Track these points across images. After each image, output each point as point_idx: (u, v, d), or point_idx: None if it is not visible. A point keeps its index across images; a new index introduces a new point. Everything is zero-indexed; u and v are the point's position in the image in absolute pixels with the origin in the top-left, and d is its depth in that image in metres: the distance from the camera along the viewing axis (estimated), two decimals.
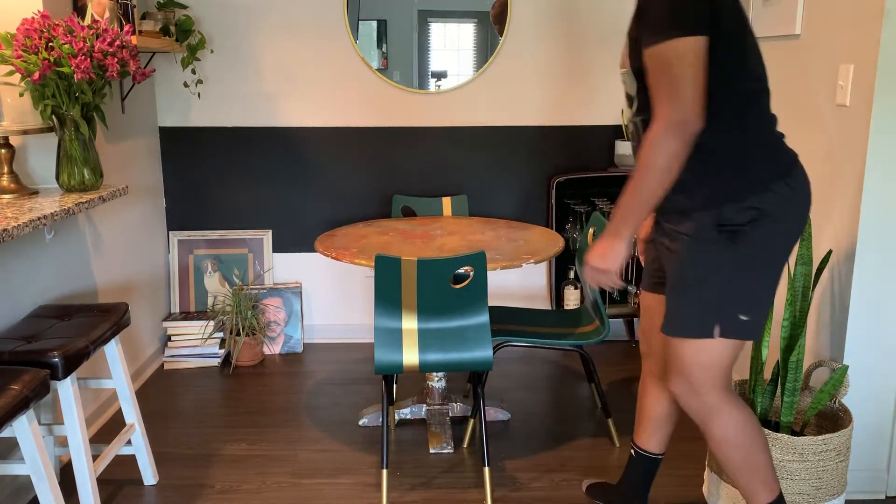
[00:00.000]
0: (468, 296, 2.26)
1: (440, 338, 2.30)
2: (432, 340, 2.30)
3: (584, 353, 2.69)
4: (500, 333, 2.57)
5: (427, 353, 2.29)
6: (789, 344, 2.18)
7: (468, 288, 2.25)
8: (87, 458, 2.08)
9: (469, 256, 2.20)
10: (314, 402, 3.08)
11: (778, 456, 2.06)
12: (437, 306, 2.27)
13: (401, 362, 2.28)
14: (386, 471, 2.38)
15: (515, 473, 2.52)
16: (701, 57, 1.57)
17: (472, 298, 2.27)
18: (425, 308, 2.27)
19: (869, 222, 2.18)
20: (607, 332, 2.57)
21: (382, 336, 2.29)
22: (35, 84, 2.32)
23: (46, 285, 2.49)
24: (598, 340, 2.57)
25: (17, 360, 1.92)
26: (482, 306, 2.28)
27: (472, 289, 2.25)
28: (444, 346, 2.29)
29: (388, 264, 2.18)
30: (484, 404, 2.41)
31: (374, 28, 3.47)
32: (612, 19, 3.47)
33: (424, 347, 2.29)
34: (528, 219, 3.61)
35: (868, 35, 2.13)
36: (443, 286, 2.23)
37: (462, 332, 2.29)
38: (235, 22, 3.42)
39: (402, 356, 2.28)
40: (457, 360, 2.29)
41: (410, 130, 3.56)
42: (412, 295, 2.23)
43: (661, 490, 2.42)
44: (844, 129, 2.26)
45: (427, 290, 2.23)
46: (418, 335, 2.30)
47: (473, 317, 2.29)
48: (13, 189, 2.40)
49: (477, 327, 2.29)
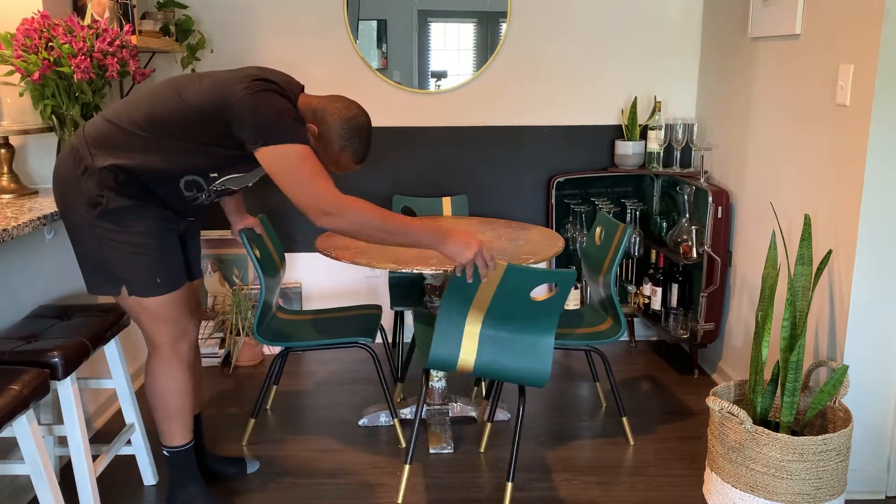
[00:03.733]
0: (544, 311, 2.18)
1: (502, 345, 2.22)
2: (493, 346, 2.22)
3: (600, 353, 2.68)
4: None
5: (485, 356, 2.22)
6: (789, 344, 2.18)
7: (546, 303, 2.17)
8: (87, 458, 2.08)
9: (557, 273, 2.15)
10: (314, 402, 3.08)
11: (778, 456, 2.06)
12: (510, 314, 2.19)
13: (456, 360, 2.21)
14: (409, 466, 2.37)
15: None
16: None
17: (546, 314, 2.19)
18: (496, 313, 2.19)
19: (869, 222, 2.18)
20: (623, 331, 2.57)
21: (444, 330, 2.21)
22: (35, 84, 2.32)
23: (46, 285, 2.49)
24: (616, 339, 2.56)
25: (17, 360, 1.92)
26: (552, 324, 2.20)
27: (550, 305, 2.18)
28: (503, 354, 2.21)
29: None
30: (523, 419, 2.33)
31: (374, 28, 3.47)
32: (612, 19, 3.47)
33: (483, 351, 2.22)
34: (528, 219, 3.61)
35: (868, 35, 2.13)
36: (523, 296, 2.14)
37: (526, 344, 2.21)
38: (235, 22, 3.42)
39: (459, 354, 2.21)
40: (513, 370, 2.22)
41: (410, 130, 3.56)
42: (487, 297, 2.15)
43: (662, 490, 2.42)
44: (844, 129, 2.26)
45: (505, 295, 2.14)
46: (479, 338, 2.22)
47: (542, 333, 2.21)
48: (13, 189, 2.40)
49: (542, 343, 2.21)
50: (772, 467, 2.08)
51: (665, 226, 3.46)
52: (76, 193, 1.98)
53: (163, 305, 2.07)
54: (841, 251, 2.28)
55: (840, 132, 2.29)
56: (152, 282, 2.04)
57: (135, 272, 2.02)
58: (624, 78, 3.53)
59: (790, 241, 2.56)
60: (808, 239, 2.20)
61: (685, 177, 3.33)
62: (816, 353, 2.42)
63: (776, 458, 2.07)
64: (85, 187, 1.97)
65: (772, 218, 2.74)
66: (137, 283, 2.03)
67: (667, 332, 3.34)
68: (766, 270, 2.29)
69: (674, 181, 3.41)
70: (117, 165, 1.96)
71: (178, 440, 2.20)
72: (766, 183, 2.81)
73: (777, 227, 2.66)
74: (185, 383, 2.17)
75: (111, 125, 1.99)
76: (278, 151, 1.88)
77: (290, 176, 1.88)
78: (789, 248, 2.54)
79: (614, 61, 3.51)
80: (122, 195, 1.97)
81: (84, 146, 1.99)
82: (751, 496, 2.13)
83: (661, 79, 3.53)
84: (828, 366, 2.27)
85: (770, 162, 2.77)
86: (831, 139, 2.34)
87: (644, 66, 3.51)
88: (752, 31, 2.89)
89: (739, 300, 3.08)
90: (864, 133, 2.16)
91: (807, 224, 2.21)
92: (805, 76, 2.50)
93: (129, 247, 2.00)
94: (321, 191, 1.88)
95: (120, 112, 2.01)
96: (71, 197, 2.00)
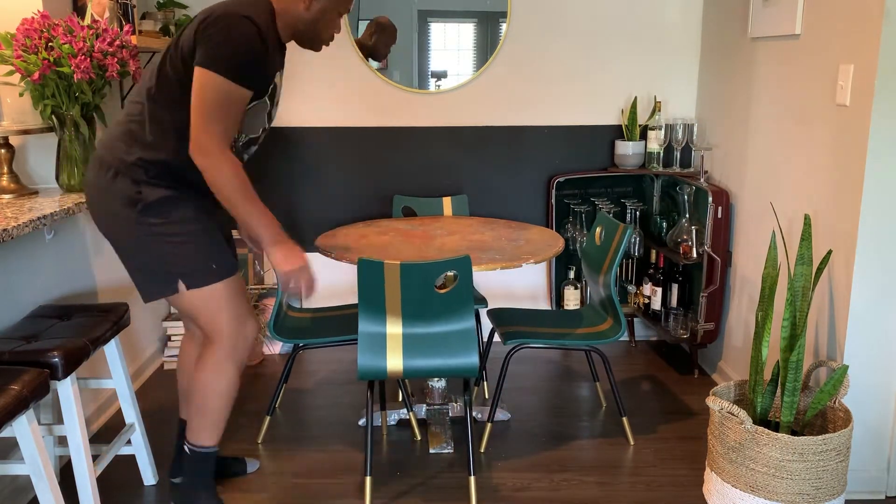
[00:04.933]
0: (453, 301, 2.22)
1: (425, 343, 2.25)
2: (417, 346, 2.25)
3: (600, 353, 2.68)
4: (514, 335, 2.56)
5: (411, 358, 2.25)
6: (789, 344, 2.18)
7: (453, 293, 2.20)
8: (87, 458, 2.08)
9: (453, 261, 2.16)
10: (314, 402, 3.08)
11: (778, 456, 2.06)
12: (422, 311, 2.22)
13: (384, 368, 2.24)
14: (370, 478, 2.33)
15: (516, 473, 2.52)
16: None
17: (457, 303, 2.22)
18: (410, 313, 2.23)
19: (869, 222, 2.18)
20: (623, 331, 2.57)
21: (366, 341, 2.24)
22: (35, 84, 2.32)
23: (46, 285, 2.49)
24: (616, 339, 2.56)
25: (17, 360, 1.92)
26: (468, 311, 2.24)
27: (456, 294, 2.21)
28: (429, 351, 2.25)
29: (371, 268, 2.15)
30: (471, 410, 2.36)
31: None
32: (612, 19, 3.47)
33: (409, 353, 2.25)
34: (528, 219, 3.61)
35: (868, 35, 2.13)
36: (427, 291, 2.18)
37: (447, 337, 2.25)
38: None
39: (386, 362, 2.24)
40: (442, 366, 2.25)
41: (410, 130, 3.56)
42: (396, 299, 2.19)
43: (662, 490, 2.42)
44: (844, 129, 2.26)
45: (411, 294, 2.18)
46: (403, 340, 2.25)
47: (459, 322, 2.24)
48: (13, 189, 2.40)
49: (462, 333, 2.24)
50: (772, 467, 2.08)
51: (665, 226, 3.46)
52: (112, 198, 2.00)
53: (221, 294, 2.07)
54: (841, 251, 2.28)
55: (840, 132, 2.29)
56: (207, 268, 2.04)
57: (188, 261, 2.03)
58: (624, 78, 3.53)
59: (790, 241, 2.56)
60: (808, 239, 2.20)
61: (685, 177, 3.33)
62: (816, 353, 2.42)
63: (776, 458, 2.07)
64: (119, 188, 1.99)
65: (772, 218, 2.74)
66: (193, 273, 2.03)
67: (667, 332, 3.34)
68: (766, 270, 2.30)
69: (674, 181, 3.41)
70: (143, 158, 1.98)
71: (204, 440, 2.17)
72: (766, 183, 2.81)
73: (777, 227, 2.66)
74: (232, 387, 2.15)
75: (122, 124, 2.03)
76: (209, 77, 1.88)
77: (200, 101, 1.89)
78: (789, 248, 2.54)
79: (614, 61, 3.51)
80: (158, 186, 2.00)
81: (106, 152, 2.02)
82: (751, 496, 2.13)
83: (661, 79, 3.53)
84: (828, 366, 2.27)
85: (770, 162, 2.77)
86: (831, 139, 2.34)
87: (644, 66, 3.51)
88: (752, 31, 2.89)
89: (739, 300, 3.08)
90: (864, 133, 2.16)
91: (807, 224, 2.21)
92: (805, 76, 2.50)
93: (178, 237, 2.01)
94: (214, 130, 1.90)
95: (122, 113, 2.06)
96: (108, 204, 2.02)
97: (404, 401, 2.79)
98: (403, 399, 2.80)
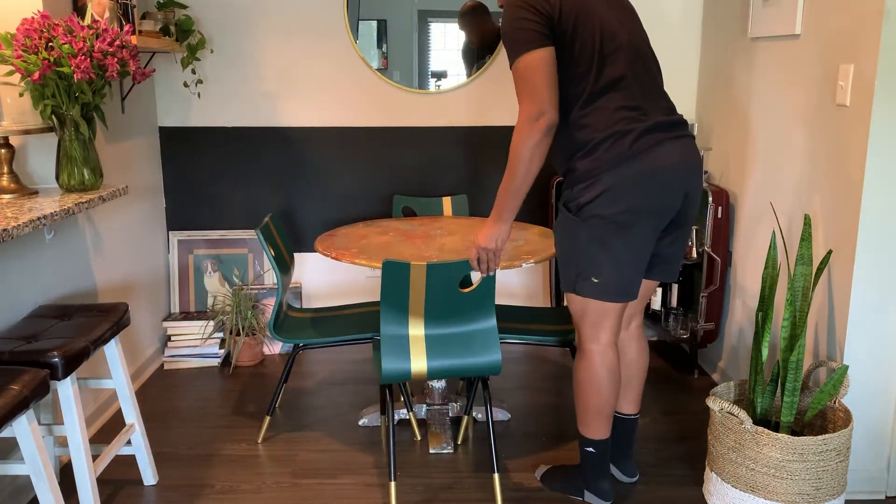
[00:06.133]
0: (477, 300, 2.22)
1: (448, 343, 2.25)
2: (440, 346, 2.24)
3: None
4: (501, 332, 2.55)
5: (435, 359, 2.24)
6: (789, 344, 2.18)
7: (477, 292, 2.21)
8: (87, 458, 2.08)
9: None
10: (314, 402, 3.08)
11: (778, 456, 2.06)
12: (446, 311, 2.22)
13: (409, 370, 2.23)
14: (394, 483, 2.30)
15: (516, 473, 2.52)
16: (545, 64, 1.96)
17: (480, 303, 2.23)
18: (433, 314, 2.22)
19: (869, 222, 2.18)
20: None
21: (390, 343, 2.22)
22: (35, 84, 2.32)
23: (46, 285, 2.49)
24: None
25: (17, 360, 1.92)
26: (490, 310, 2.25)
27: (480, 292, 2.21)
28: (452, 351, 2.24)
29: (397, 269, 2.12)
30: (491, 406, 2.39)
31: (374, 28, 3.47)
32: None
33: (432, 354, 2.24)
34: (527, 219, 3.61)
35: (868, 35, 2.13)
36: (452, 291, 2.17)
37: (470, 336, 2.25)
38: (235, 22, 3.42)
39: (411, 363, 2.23)
40: (465, 365, 2.25)
41: (410, 130, 3.56)
42: (420, 300, 2.18)
43: (662, 490, 2.42)
44: (844, 129, 2.26)
45: (436, 295, 2.17)
46: (426, 341, 2.24)
47: (482, 321, 2.25)
48: (13, 189, 2.40)
49: (485, 332, 2.25)
50: (772, 467, 2.08)
51: None
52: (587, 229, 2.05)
53: None
54: (841, 251, 2.28)
55: (840, 132, 2.29)
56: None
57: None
58: None
59: (790, 241, 2.56)
60: (808, 239, 2.20)
61: None
62: (816, 353, 2.42)
63: (776, 458, 2.07)
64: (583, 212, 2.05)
65: (772, 218, 2.74)
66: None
67: (667, 332, 3.34)
68: (766, 270, 2.30)
69: None
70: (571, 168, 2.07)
71: (591, 433, 2.24)
72: (766, 183, 2.81)
73: (777, 228, 2.66)
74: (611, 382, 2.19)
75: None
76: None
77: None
78: (789, 248, 2.54)
79: None
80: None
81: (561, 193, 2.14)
82: (751, 496, 2.13)
83: None
84: (828, 366, 2.27)
85: (770, 162, 2.77)
86: (831, 139, 2.34)
87: None
88: (752, 31, 2.89)
89: (739, 300, 3.08)
90: (864, 133, 2.16)
91: (807, 224, 2.21)
92: (805, 76, 2.50)
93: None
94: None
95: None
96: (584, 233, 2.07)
97: (404, 401, 2.79)
98: (404, 399, 2.80)
